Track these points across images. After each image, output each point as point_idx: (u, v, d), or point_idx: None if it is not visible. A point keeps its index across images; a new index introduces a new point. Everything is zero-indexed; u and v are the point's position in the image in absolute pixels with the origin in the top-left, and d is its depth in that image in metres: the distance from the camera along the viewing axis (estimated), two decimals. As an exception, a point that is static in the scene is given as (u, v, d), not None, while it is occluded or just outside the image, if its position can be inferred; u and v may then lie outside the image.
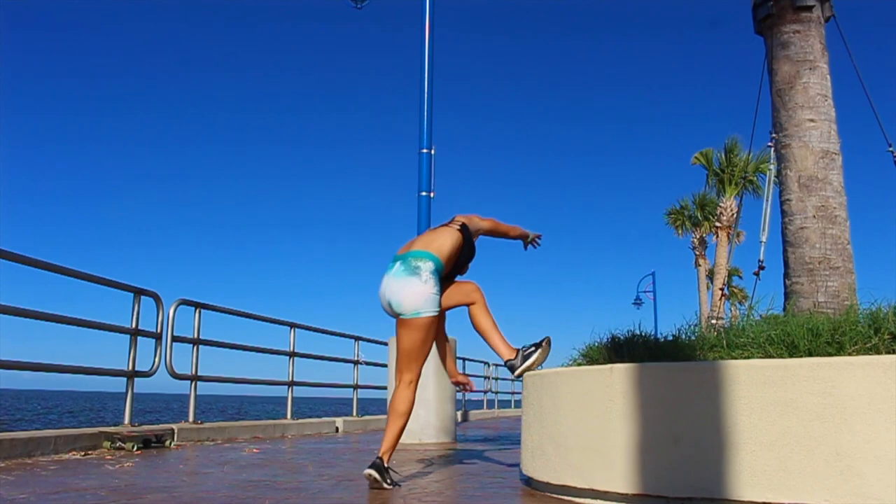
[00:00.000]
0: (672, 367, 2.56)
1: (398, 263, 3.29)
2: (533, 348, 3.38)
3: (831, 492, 2.16)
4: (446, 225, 3.51)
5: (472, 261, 3.61)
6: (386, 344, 6.94)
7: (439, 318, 3.48)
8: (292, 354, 8.37)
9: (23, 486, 3.06)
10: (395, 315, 3.28)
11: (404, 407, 3.30)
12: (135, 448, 4.94)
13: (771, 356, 2.50)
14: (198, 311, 6.69)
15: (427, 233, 3.58)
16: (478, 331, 3.54)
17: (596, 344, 3.21)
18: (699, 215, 27.72)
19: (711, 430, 2.36)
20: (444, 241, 3.38)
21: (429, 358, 6.42)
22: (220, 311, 7.10)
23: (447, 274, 3.42)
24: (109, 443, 4.96)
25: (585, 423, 2.69)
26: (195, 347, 6.66)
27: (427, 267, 3.25)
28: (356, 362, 9.95)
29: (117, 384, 5.83)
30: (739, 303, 27.68)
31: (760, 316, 2.87)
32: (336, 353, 9.78)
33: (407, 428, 6.17)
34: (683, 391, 2.46)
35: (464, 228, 3.46)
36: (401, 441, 6.16)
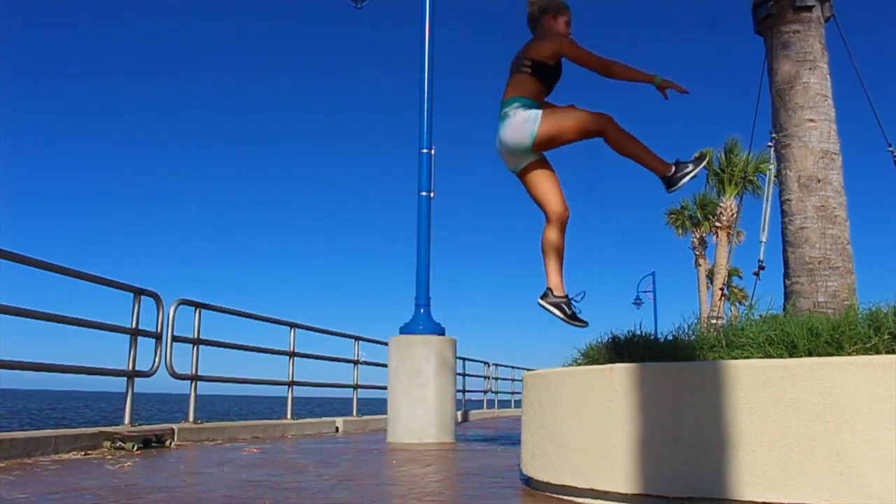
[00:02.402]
0: (672, 367, 2.56)
1: (499, 124, 3.40)
2: (689, 164, 3.28)
3: (831, 492, 2.16)
4: (519, 65, 3.45)
5: (555, 82, 3.51)
6: (386, 344, 6.94)
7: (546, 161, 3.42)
8: (292, 354, 8.37)
9: (23, 485, 3.06)
10: (523, 154, 3.34)
11: (548, 239, 3.33)
12: (135, 448, 4.94)
13: (771, 356, 2.50)
14: (198, 311, 6.68)
15: (509, 80, 3.53)
16: (625, 155, 3.36)
17: (596, 344, 3.21)
18: (699, 215, 27.73)
19: (711, 430, 2.36)
20: (516, 84, 3.40)
21: (428, 360, 6.44)
22: (221, 311, 7.10)
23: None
24: (109, 443, 4.96)
25: (585, 423, 2.69)
26: (195, 347, 6.66)
27: (512, 106, 3.33)
28: (356, 362, 9.94)
29: (117, 384, 5.84)
30: (739, 303, 27.67)
31: (760, 316, 2.87)
32: (336, 353, 9.79)
33: (407, 428, 6.28)
34: (683, 391, 2.46)
35: (534, 67, 3.39)
36: (401, 441, 6.22)
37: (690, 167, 3.30)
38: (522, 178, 3.43)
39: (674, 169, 3.29)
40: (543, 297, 3.36)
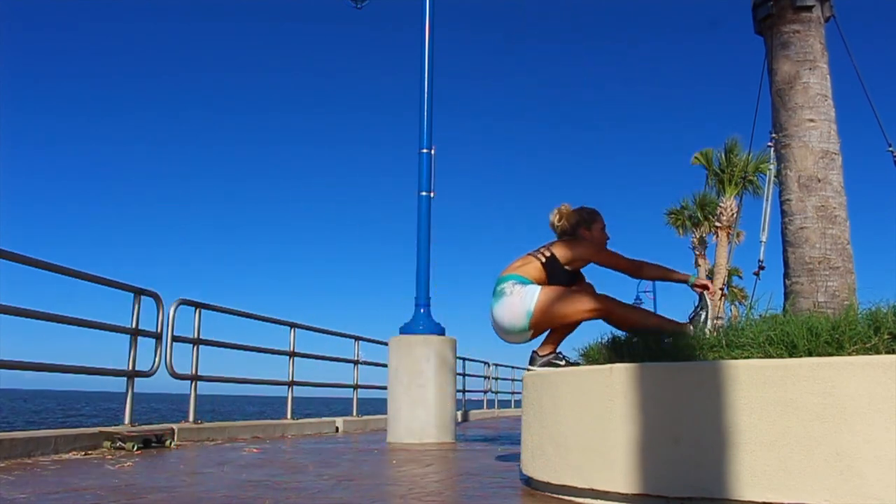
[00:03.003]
0: (672, 367, 2.56)
1: (492, 300, 3.41)
2: (701, 312, 3.31)
3: (831, 492, 2.16)
4: (536, 252, 3.45)
5: (574, 282, 3.47)
6: (386, 344, 6.94)
7: (561, 290, 3.36)
8: (292, 354, 8.37)
9: (23, 485, 3.06)
10: (521, 335, 3.36)
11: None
12: (135, 448, 4.94)
13: (771, 356, 2.50)
14: (198, 311, 6.69)
15: (516, 259, 3.53)
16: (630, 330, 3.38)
17: (596, 344, 3.21)
18: (699, 215, 27.71)
19: (711, 430, 2.36)
20: (521, 265, 3.40)
21: (428, 360, 6.44)
22: (221, 311, 7.10)
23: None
24: (109, 443, 4.96)
25: (585, 423, 2.69)
26: (195, 347, 6.66)
27: (507, 284, 3.35)
28: (356, 362, 9.94)
29: (118, 384, 5.84)
30: (739, 303, 27.69)
31: (760, 316, 2.87)
32: (336, 353, 9.79)
33: (407, 428, 6.28)
34: (683, 391, 2.46)
35: (549, 261, 3.38)
36: (401, 441, 6.21)
37: (703, 313, 3.33)
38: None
39: (691, 328, 3.28)
40: (532, 362, 3.40)
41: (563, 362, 3.31)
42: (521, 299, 3.29)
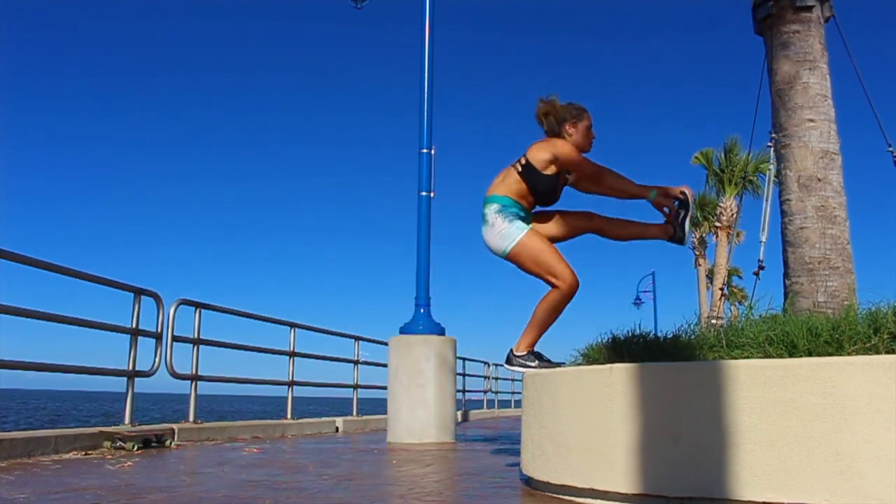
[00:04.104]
0: (672, 367, 2.56)
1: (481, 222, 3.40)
2: (680, 211, 3.32)
3: (831, 492, 2.16)
4: (515, 162, 3.39)
5: (552, 195, 3.41)
6: (386, 344, 6.94)
7: (547, 226, 3.40)
8: (292, 354, 8.37)
9: (23, 485, 3.06)
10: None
11: (543, 303, 3.28)
12: (135, 448, 4.94)
13: (770, 356, 2.50)
14: (198, 311, 6.69)
15: (503, 170, 3.46)
16: (625, 239, 3.47)
17: (596, 344, 3.21)
18: (699, 215, 27.71)
19: (711, 430, 2.36)
20: (502, 181, 3.37)
21: (428, 360, 6.43)
22: (221, 310, 7.10)
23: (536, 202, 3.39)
24: (109, 443, 4.96)
25: (585, 423, 2.69)
26: (195, 347, 6.66)
27: (490, 210, 3.33)
28: (356, 362, 9.95)
29: (118, 384, 5.84)
30: (739, 303, 27.68)
31: (760, 316, 2.87)
32: (336, 353, 9.79)
33: (407, 428, 6.28)
34: (683, 391, 2.46)
35: (525, 169, 3.31)
36: (401, 441, 6.21)
37: (682, 212, 3.33)
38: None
39: (672, 228, 3.33)
40: (508, 361, 3.37)
41: (534, 363, 3.26)
42: (501, 236, 3.27)
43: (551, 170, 3.32)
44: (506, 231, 3.27)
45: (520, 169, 3.33)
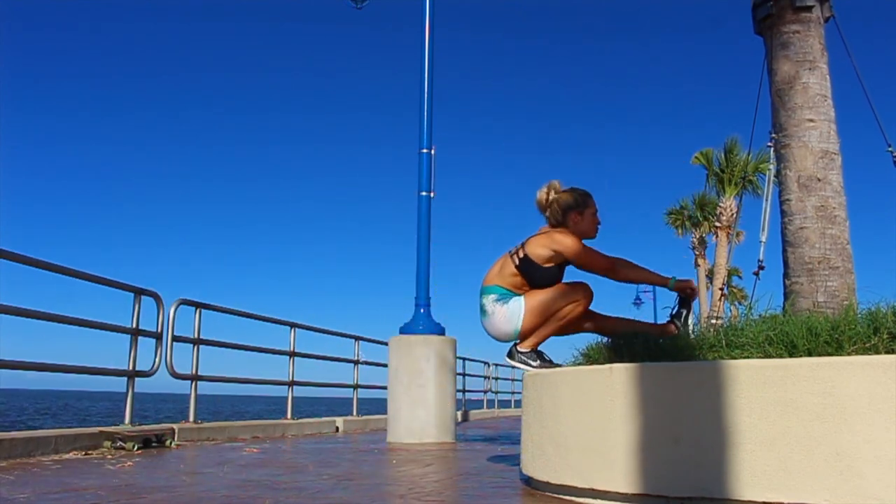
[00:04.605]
0: (672, 367, 2.56)
1: (479, 314, 3.36)
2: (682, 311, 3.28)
3: (831, 492, 2.16)
4: (513, 253, 3.32)
5: (552, 285, 3.29)
6: (386, 344, 6.94)
7: (555, 284, 3.29)
8: (292, 354, 8.37)
9: (23, 485, 3.06)
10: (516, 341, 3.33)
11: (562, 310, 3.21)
12: (135, 448, 4.94)
13: (770, 356, 2.50)
14: (198, 310, 6.69)
15: (499, 259, 3.40)
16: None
17: (596, 344, 3.21)
18: (699, 215, 27.72)
19: (711, 430, 2.36)
20: (498, 272, 3.32)
21: (428, 360, 6.44)
22: (221, 310, 7.10)
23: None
24: (110, 442, 4.96)
25: (585, 423, 2.69)
26: (195, 347, 6.66)
27: (489, 300, 3.30)
28: (356, 362, 9.95)
29: (118, 384, 5.85)
30: (739, 303, 27.69)
31: (760, 316, 2.87)
32: (336, 353, 9.79)
33: (407, 428, 6.28)
34: (683, 391, 2.46)
35: (522, 263, 3.25)
36: (401, 441, 6.22)
37: (684, 311, 3.30)
38: None
39: (675, 328, 3.28)
40: (510, 355, 3.35)
41: (536, 363, 3.25)
42: (506, 318, 3.23)
43: (552, 263, 3.27)
44: (508, 312, 3.23)
45: (517, 262, 3.27)
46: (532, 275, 3.26)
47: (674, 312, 3.38)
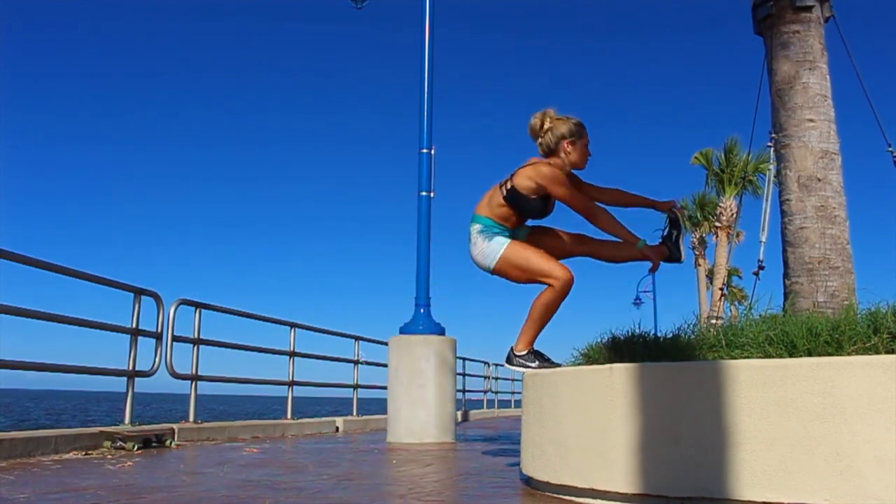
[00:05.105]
0: (672, 367, 2.56)
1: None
2: (537, 361, 3.29)
3: (831, 492, 2.16)
4: (502, 184, 3.36)
5: (540, 215, 3.40)
6: (386, 344, 6.94)
7: (530, 236, 3.42)
8: (292, 354, 8.37)
9: (23, 485, 3.06)
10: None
11: (539, 300, 3.27)
12: (135, 448, 4.94)
13: (770, 356, 2.50)
14: (198, 310, 6.69)
15: (491, 189, 3.44)
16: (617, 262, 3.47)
17: (596, 344, 3.21)
18: (699, 215, 27.73)
19: (711, 430, 2.36)
20: (487, 202, 3.38)
21: (428, 360, 6.44)
22: (221, 310, 7.10)
23: (521, 221, 3.39)
24: (110, 442, 4.96)
25: (585, 423, 2.69)
26: (195, 347, 6.66)
27: (474, 230, 3.37)
28: (356, 362, 9.95)
29: (118, 384, 5.85)
30: (739, 302, 27.69)
31: (760, 316, 2.87)
32: (336, 353, 9.79)
33: (407, 428, 6.28)
34: (683, 391, 2.46)
35: (510, 194, 3.28)
36: (401, 441, 6.22)
37: (675, 232, 3.36)
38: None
39: (667, 249, 3.35)
40: (509, 360, 3.37)
41: (535, 363, 3.26)
42: (483, 254, 3.31)
43: (536, 195, 3.29)
44: (487, 249, 3.30)
45: (504, 193, 3.30)
46: (519, 206, 3.31)
47: (665, 234, 3.42)
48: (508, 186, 3.31)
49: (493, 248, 3.29)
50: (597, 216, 3.24)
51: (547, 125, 3.37)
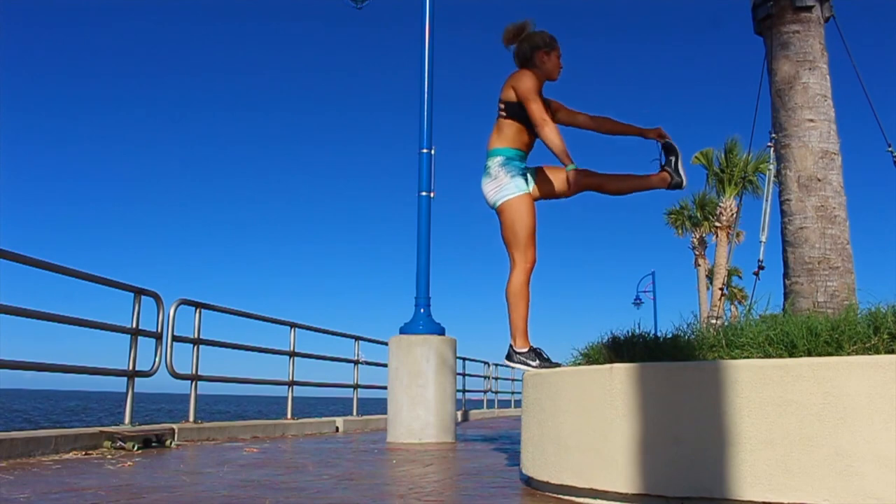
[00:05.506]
0: (672, 367, 2.56)
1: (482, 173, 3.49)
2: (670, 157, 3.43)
3: (831, 492, 2.16)
4: (498, 111, 3.47)
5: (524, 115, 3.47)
6: (386, 344, 6.95)
7: (548, 184, 3.49)
8: (292, 354, 8.37)
9: (23, 485, 3.06)
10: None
11: (512, 288, 3.35)
12: (135, 448, 4.94)
13: (770, 356, 2.50)
14: (198, 310, 6.69)
15: (493, 129, 3.55)
16: (623, 194, 3.57)
17: (596, 344, 3.21)
18: (699, 215, 27.73)
19: (711, 430, 2.36)
20: (498, 134, 3.45)
21: (428, 360, 6.44)
22: (221, 310, 7.10)
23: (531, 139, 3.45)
24: (110, 442, 4.96)
25: (585, 423, 2.69)
26: (195, 347, 6.66)
27: (494, 162, 3.41)
28: (356, 362, 9.95)
29: (118, 384, 5.84)
30: (739, 302, 27.69)
31: (760, 316, 2.87)
32: (336, 353, 9.80)
33: (407, 428, 6.28)
34: (683, 391, 2.46)
35: (508, 109, 3.41)
36: (401, 441, 6.22)
37: (672, 158, 3.45)
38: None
39: (668, 175, 3.40)
40: (509, 357, 3.40)
41: (535, 363, 3.28)
42: (499, 188, 3.37)
43: (516, 101, 3.41)
44: (504, 185, 3.36)
45: (504, 114, 3.42)
46: (518, 114, 3.40)
47: (663, 162, 3.50)
48: (501, 106, 3.43)
49: (510, 187, 3.35)
50: (543, 129, 3.32)
51: (523, 35, 3.53)
